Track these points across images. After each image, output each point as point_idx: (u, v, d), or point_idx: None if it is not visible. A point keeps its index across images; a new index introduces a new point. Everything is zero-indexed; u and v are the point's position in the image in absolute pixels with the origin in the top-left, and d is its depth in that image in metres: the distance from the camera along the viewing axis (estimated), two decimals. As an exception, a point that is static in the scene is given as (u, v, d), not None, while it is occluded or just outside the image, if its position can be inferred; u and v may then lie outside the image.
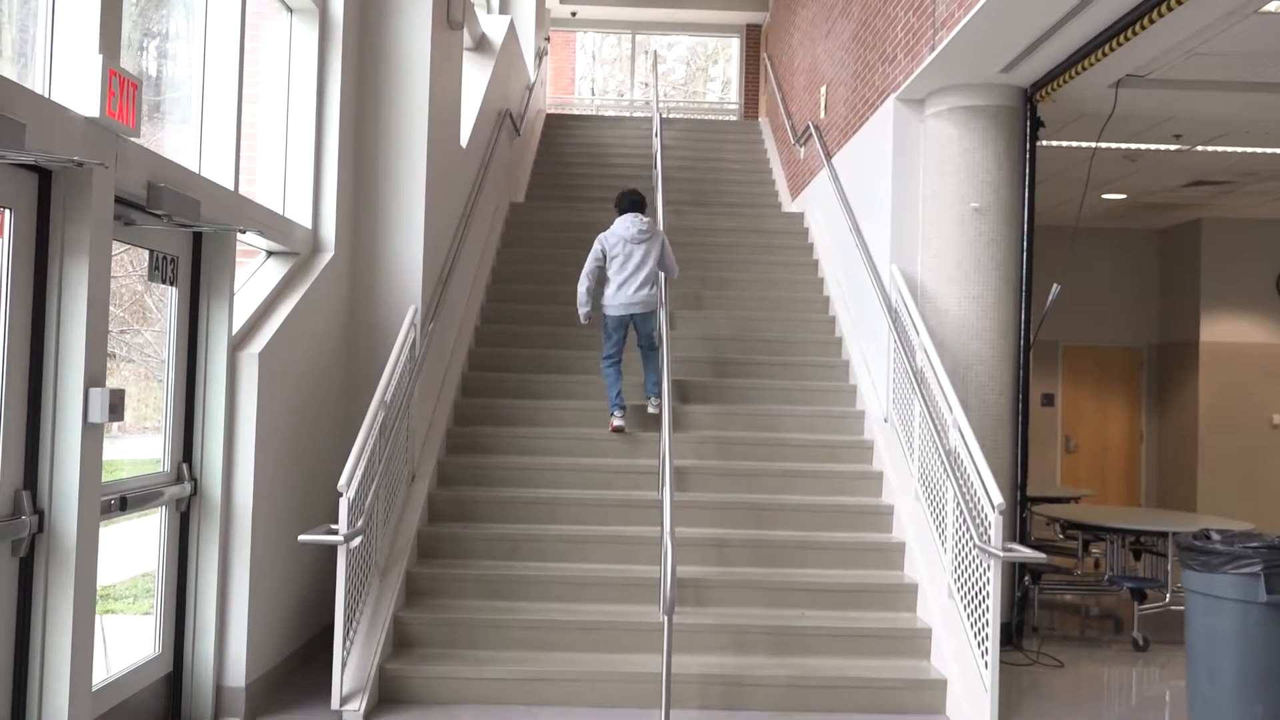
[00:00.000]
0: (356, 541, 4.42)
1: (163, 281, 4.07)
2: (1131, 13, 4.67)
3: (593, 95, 16.78)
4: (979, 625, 4.54)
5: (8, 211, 3.11)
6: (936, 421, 5.19)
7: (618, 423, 6.14)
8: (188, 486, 4.18)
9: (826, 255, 8.15)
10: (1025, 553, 4.38)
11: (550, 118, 12.29)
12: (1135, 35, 4.76)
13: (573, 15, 14.75)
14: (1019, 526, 5.87)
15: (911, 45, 5.88)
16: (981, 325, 5.83)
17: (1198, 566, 4.48)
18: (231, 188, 4.48)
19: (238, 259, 4.43)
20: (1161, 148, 7.38)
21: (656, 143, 8.96)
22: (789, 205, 10.15)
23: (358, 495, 4.47)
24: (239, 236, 4.53)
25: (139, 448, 4.07)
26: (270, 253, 5.09)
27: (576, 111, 15.59)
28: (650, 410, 6.30)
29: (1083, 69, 5.26)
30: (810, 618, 5.01)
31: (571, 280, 7.76)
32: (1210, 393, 10.23)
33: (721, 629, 4.88)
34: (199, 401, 4.26)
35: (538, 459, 6.08)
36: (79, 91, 3.23)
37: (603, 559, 5.44)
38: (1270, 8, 4.68)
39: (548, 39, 13.17)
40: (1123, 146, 7.39)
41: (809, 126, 8.83)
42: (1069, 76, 5.42)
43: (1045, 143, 7.05)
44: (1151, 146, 7.36)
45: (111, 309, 3.51)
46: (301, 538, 4.17)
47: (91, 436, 3.31)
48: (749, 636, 4.88)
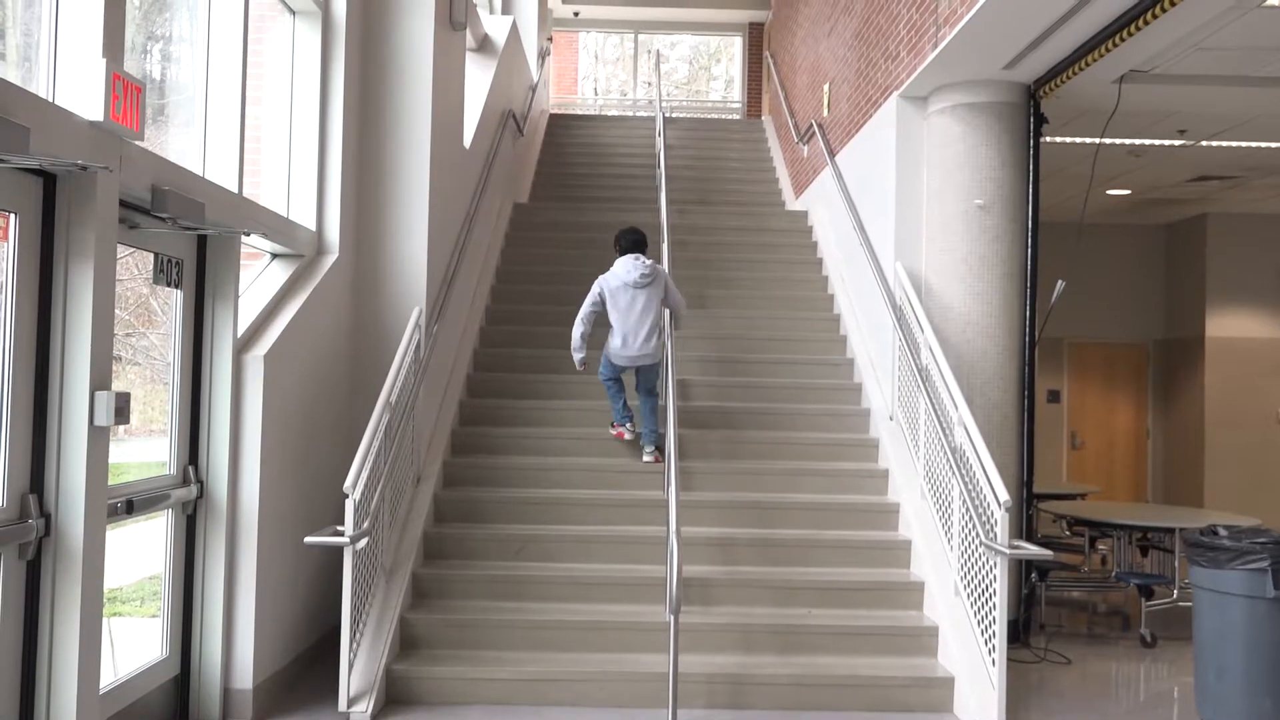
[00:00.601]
0: (363, 543, 4.42)
1: (168, 284, 4.08)
2: (1135, 8, 4.66)
3: (595, 95, 16.77)
4: (986, 623, 4.53)
5: (13, 215, 3.12)
6: (942, 419, 5.18)
7: (629, 435, 6.04)
8: (194, 489, 4.19)
9: (830, 253, 8.14)
10: (1032, 550, 4.37)
11: (553, 118, 12.29)
12: (1138, 30, 4.75)
13: (575, 15, 14.75)
14: (1025, 523, 5.86)
15: (914, 42, 5.87)
16: (986, 322, 5.82)
17: (1205, 562, 4.47)
18: (235, 190, 4.48)
19: (242, 261, 4.44)
20: (1166, 143, 7.36)
21: (660, 142, 8.97)
22: (792, 204, 10.14)
23: (363, 497, 4.48)
24: (243, 239, 4.54)
25: (145, 451, 4.08)
26: (275, 255, 5.10)
27: (579, 111, 15.59)
28: (645, 459, 5.97)
29: (1086, 65, 5.25)
30: (816, 616, 5.01)
31: (575, 280, 7.76)
32: (1216, 388, 10.20)
33: (728, 628, 4.88)
34: (204, 404, 4.26)
35: (543, 459, 6.08)
36: (83, 95, 3.24)
37: (609, 559, 5.44)
38: (1274, 1, 4.67)
39: (550, 39, 13.17)
40: (1127, 142, 7.37)
41: (812, 124, 8.82)
42: (1072, 73, 5.41)
43: (1049, 139, 7.04)
44: (1156, 142, 7.34)
45: (117, 312, 3.51)
46: (308, 540, 4.17)
47: (97, 440, 3.32)
48: (755, 636, 4.88)
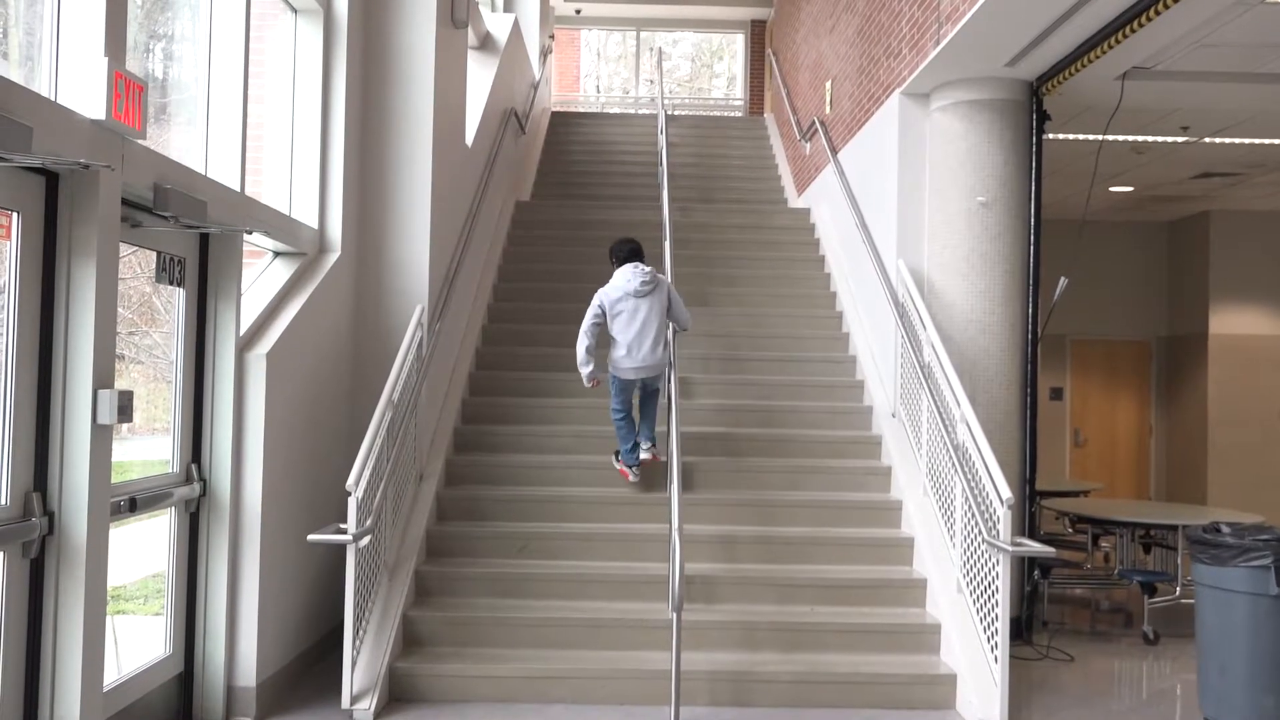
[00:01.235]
0: (365, 541, 4.42)
1: (170, 283, 4.08)
2: (1137, 5, 4.65)
3: (598, 93, 16.77)
4: (988, 620, 4.53)
5: (15, 214, 3.12)
6: (944, 416, 5.18)
7: (633, 478, 5.75)
8: (197, 487, 4.19)
9: (832, 250, 8.13)
10: (1034, 547, 4.36)
11: (555, 115, 12.28)
12: (1141, 27, 4.74)
13: (577, 13, 14.74)
14: (1028, 521, 5.86)
15: (916, 40, 5.87)
16: (989, 320, 5.81)
17: (1208, 560, 4.46)
18: (238, 189, 4.49)
19: (245, 259, 4.44)
20: (1169, 140, 7.34)
21: (662, 139, 8.96)
22: (795, 201, 10.13)
23: (366, 494, 4.48)
24: (246, 237, 4.55)
25: (148, 449, 4.09)
26: (277, 253, 5.11)
27: (581, 109, 15.58)
28: (642, 455, 5.76)
29: (1089, 62, 5.24)
30: (819, 614, 5.01)
31: (576, 278, 7.76)
32: (1219, 385, 10.19)
33: (730, 625, 4.89)
34: (207, 402, 4.27)
35: (545, 457, 6.08)
36: (85, 94, 3.25)
37: (611, 556, 5.44)
38: (1277, -2, 4.66)
39: (552, 37, 13.16)
40: (1130, 139, 7.35)
41: (814, 122, 8.81)
42: (1075, 69, 5.39)
43: (1051, 136, 7.02)
44: (1159, 139, 7.33)
45: (119, 310, 3.52)
46: (311, 537, 4.18)
47: (100, 438, 3.32)
48: (758, 633, 4.88)
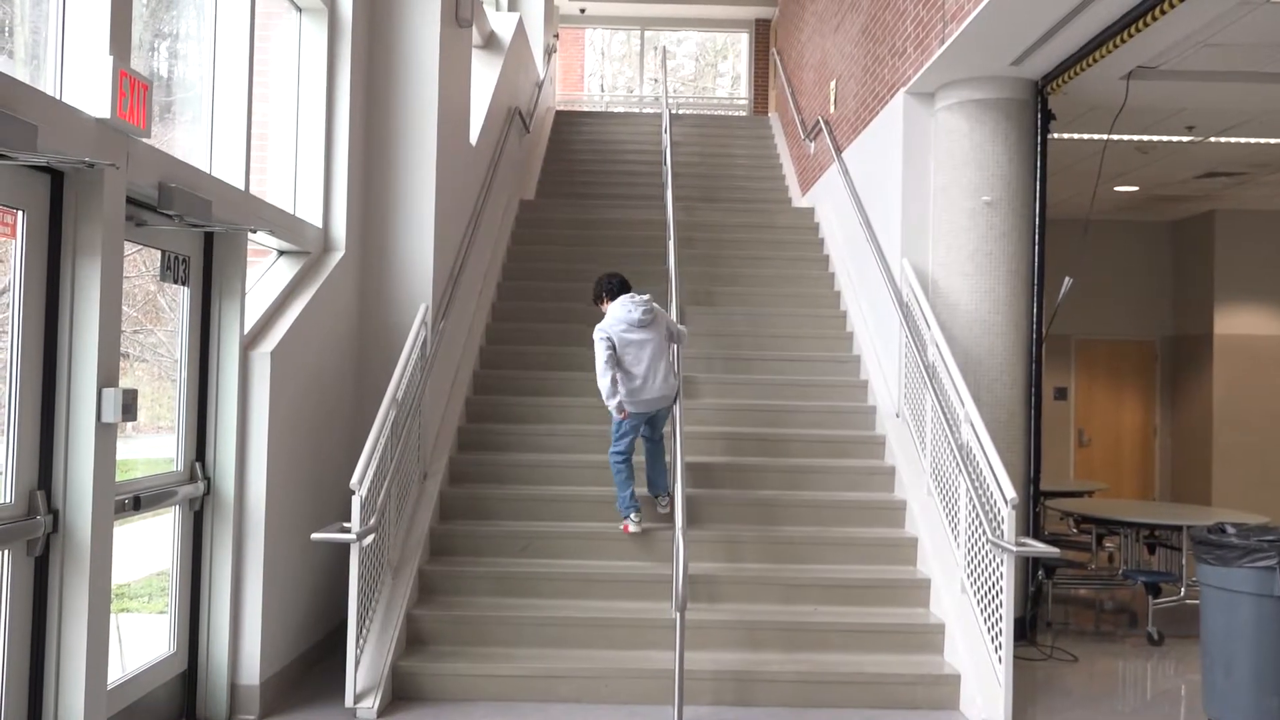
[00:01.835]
0: (369, 539, 4.43)
1: (175, 281, 4.09)
2: (1142, 4, 4.63)
3: (602, 92, 16.77)
4: (992, 620, 4.52)
5: (20, 213, 3.13)
6: (948, 416, 5.17)
7: (634, 528, 5.41)
8: (201, 485, 4.20)
9: (837, 250, 8.13)
10: (1039, 547, 4.36)
11: (559, 115, 12.28)
12: (1146, 27, 4.73)
13: (581, 12, 14.74)
14: (1032, 521, 5.84)
15: (921, 39, 5.86)
16: (993, 319, 5.80)
17: (1212, 560, 4.45)
18: (242, 187, 4.49)
19: (249, 258, 4.45)
20: (1174, 139, 7.33)
21: (666, 139, 8.95)
22: (799, 200, 10.12)
23: (370, 493, 4.49)
24: (250, 236, 4.55)
25: (152, 447, 4.09)
26: (281, 252, 5.11)
27: (586, 108, 15.58)
28: (661, 510, 5.56)
29: (1094, 61, 5.23)
30: (823, 613, 5.01)
31: (580, 277, 7.75)
32: (1224, 385, 10.16)
33: (734, 625, 4.88)
34: (212, 401, 4.28)
35: (549, 456, 6.08)
36: (90, 93, 3.25)
37: (615, 555, 5.44)
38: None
39: (556, 36, 13.16)
40: (1135, 138, 7.34)
41: (819, 121, 8.80)
42: (1080, 69, 5.38)
43: (1056, 135, 7.00)
44: (1164, 138, 7.31)
45: (124, 309, 3.52)
46: (315, 536, 4.19)
47: (105, 436, 3.33)
48: (761, 632, 4.88)
